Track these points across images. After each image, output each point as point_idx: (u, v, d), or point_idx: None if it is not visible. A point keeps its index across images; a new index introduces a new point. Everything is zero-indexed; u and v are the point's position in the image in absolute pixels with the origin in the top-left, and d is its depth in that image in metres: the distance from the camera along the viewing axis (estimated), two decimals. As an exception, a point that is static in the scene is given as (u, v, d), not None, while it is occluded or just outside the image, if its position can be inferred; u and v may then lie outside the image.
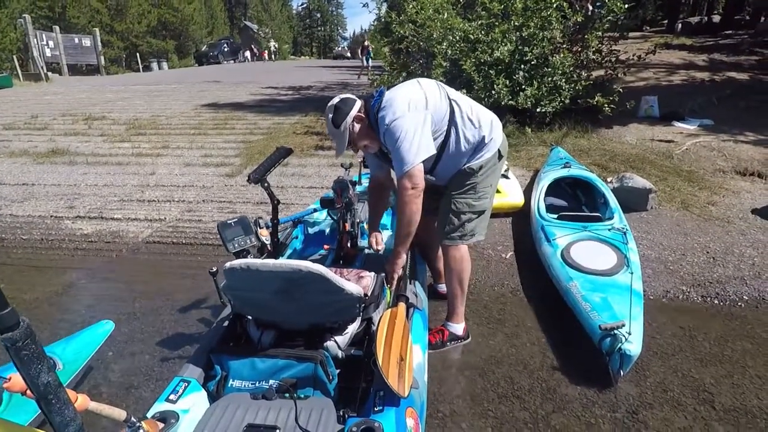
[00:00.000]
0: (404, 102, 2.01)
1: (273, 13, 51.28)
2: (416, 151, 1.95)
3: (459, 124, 2.14)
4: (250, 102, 10.63)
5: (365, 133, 2.10)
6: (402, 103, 2.00)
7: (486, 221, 2.39)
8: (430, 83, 2.17)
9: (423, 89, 2.10)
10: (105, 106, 10.46)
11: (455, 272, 2.40)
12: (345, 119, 2.03)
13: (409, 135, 1.95)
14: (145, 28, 28.46)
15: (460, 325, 2.54)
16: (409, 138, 1.95)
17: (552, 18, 6.03)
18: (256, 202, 4.77)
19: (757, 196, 4.38)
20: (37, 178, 5.76)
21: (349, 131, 2.06)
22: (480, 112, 2.22)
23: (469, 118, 2.15)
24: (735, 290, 3.03)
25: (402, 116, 1.97)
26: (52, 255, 3.97)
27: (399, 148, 1.96)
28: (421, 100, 2.05)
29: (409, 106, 2.01)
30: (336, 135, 2.08)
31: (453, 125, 2.14)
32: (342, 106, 2.05)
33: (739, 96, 7.43)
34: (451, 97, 2.17)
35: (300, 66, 25.15)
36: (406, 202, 2.00)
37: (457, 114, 2.13)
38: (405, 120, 1.97)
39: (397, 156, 1.98)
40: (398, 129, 1.96)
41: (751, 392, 2.20)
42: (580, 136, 6.19)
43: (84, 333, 2.40)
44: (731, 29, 13.68)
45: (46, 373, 0.77)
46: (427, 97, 2.07)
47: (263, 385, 1.57)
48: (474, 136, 2.16)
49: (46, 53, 20.07)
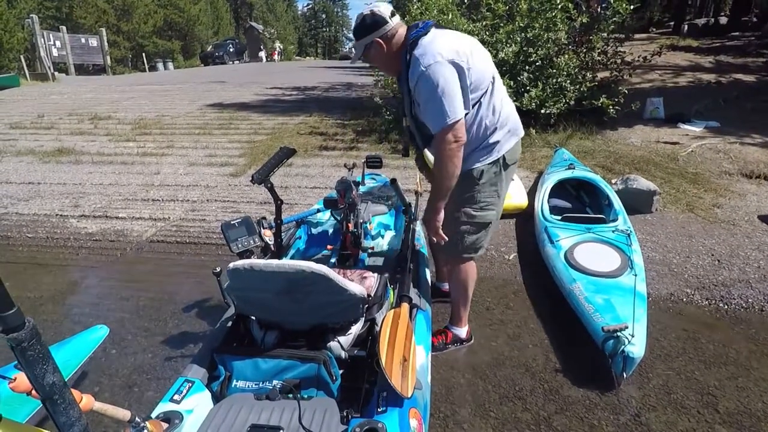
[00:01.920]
0: (450, 48, 1.79)
1: (278, 14, 51.43)
2: (459, 102, 1.77)
3: (487, 101, 1.93)
4: (255, 102, 10.66)
5: (382, 61, 1.97)
6: (448, 48, 1.79)
7: (490, 234, 2.24)
8: (479, 45, 1.97)
9: (472, 44, 1.92)
10: (111, 105, 10.51)
11: (460, 283, 2.37)
12: (364, 37, 1.90)
13: (450, 84, 1.75)
14: (151, 29, 28.60)
15: (464, 329, 2.54)
16: (450, 86, 1.75)
17: (557, 19, 6.01)
18: (260, 201, 4.78)
19: (763, 199, 4.35)
20: (42, 176, 5.80)
21: (364, 49, 1.94)
22: (507, 103, 2.05)
23: (496, 102, 1.96)
24: (740, 293, 3.01)
25: (442, 63, 1.76)
26: (57, 253, 4.00)
27: (440, 97, 1.75)
28: (468, 54, 1.83)
29: (457, 53, 1.79)
30: (355, 44, 1.97)
31: (484, 96, 1.92)
32: (369, 20, 1.88)
33: (745, 98, 7.39)
34: (494, 70, 2.01)
35: (305, 66, 25.17)
36: (448, 156, 1.83)
37: (495, 87, 1.95)
38: (446, 68, 1.76)
39: (435, 106, 1.77)
40: (438, 75, 1.74)
41: (755, 395, 2.19)
42: (584, 138, 6.18)
43: (77, 338, 2.35)
44: (738, 31, 13.58)
45: (52, 373, 0.77)
46: (473, 52, 1.86)
47: (267, 386, 1.57)
48: (490, 123, 1.96)
49: (53, 53, 20.15)
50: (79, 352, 2.29)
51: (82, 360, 2.29)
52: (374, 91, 8.57)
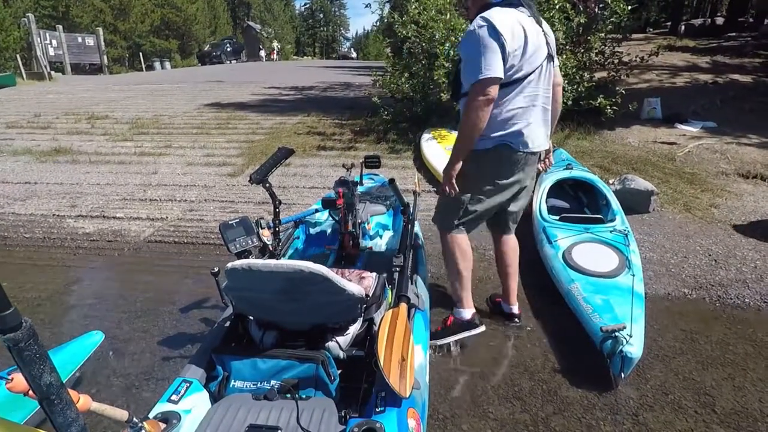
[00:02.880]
0: (507, 24, 1.97)
1: (276, 13, 51.43)
2: (497, 63, 1.95)
3: (516, 90, 2.08)
4: (253, 102, 10.65)
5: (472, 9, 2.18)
6: (505, 24, 1.97)
7: (476, 222, 2.42)
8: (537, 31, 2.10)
9: (534, 33, 2.06)
10: (108, 105, 10.48)
11: (447, 257, 2.46)
12: None
13: (490, 46, 1.94)
14: (148, 28, 28.58)
15: (467, 311, 2.46)
16: (490, 48, 1.94)
17: (555, 19, 6.02)
18: (258, 202, 4.77)
19: (759, 199, 4.37)
20: (39, 176, 5.78)
21: None
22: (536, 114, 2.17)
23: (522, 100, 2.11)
24: (737, 293, 3.02)
25: (490, 28, 1.95)
26: (54, 254, 3.98)
27: (479, 54, 1.95)
28: (519, 38, 2.00)
29: (512, 31, 1.97)
30: None
31: (533, 73, 2.08)
32: None
33: (742, 98, 7.41)
34: (552, 52, 2.17)
35: (303, 66, 25.16)
36: (474, 108, 1.98)
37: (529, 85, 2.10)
38: (490, 33, 1.95)
39: (473, 62, 1.97)
40: (482, 36, 1.95)
41: (752, 395, 2.19)
42: (582, 138, 6.19)
43: (72, 344, 2.32)
44: (735, 31, 13.62)
45: (49, 373, 0.77)
46: (526, 42, 2.02)
47: (265, 386, 1.57)
48: (506, 112, 2.11)
49: (49, 52, 20.11)
50: (74, 358, 2.25)
51: (77, 366, 2.26)
52: (372, 91, 8.56)
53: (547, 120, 2.26)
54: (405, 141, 6.45)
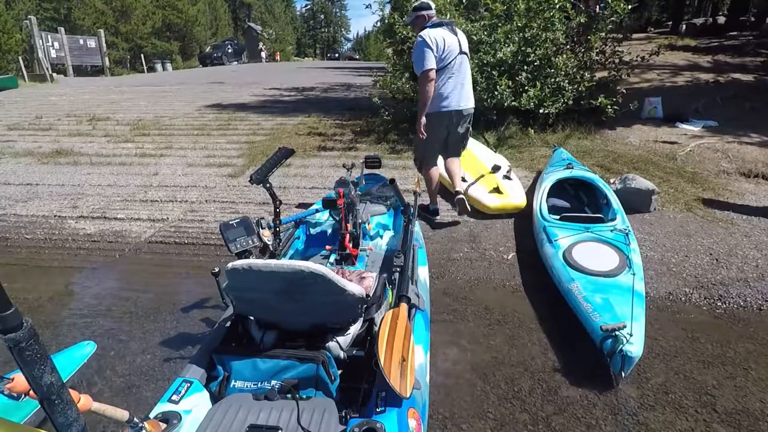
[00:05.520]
0: (434, 37, 3.51)
1: (276, 15, 51.47)
2: (430, 60, 3.50)
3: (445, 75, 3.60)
4: (254, 103, 10.66)
5: (417, 25, 3.74)
6: (433, 37, 3.51)
7: (436, 152, 3.92)
8: (453, 39, 3.60)
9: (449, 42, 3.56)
10: (109, 106, 10.50)
11: (426, 179, 4.00)
12: (416, 12, 3.73)
13: (427, 50, 3.50)
14: (149, 30, 28.61)
15: (434, 206, 4.10)
16: (427, 51, 3.50)
17: (555, 19, 6.03)
18: (259, 202, 4.78)
19: (761, 198, 4.36)
20: (41, 178, 5.79)
21: (413, 18, 3.77)
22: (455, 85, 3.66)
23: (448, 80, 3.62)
24: (738, 292, 3.02)
25: (426, 40, 3.51)
26: (56, 254, 3.99)
27: (422, 54, 3.52)
28: (441, 45, 3.52)
29: (435, 42, 3.51)
30: (410, 12, 3.85)
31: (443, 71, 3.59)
32: (425, 6, 3.70)
33: (743, 97, 7.40)
34: (464, 50, 3.68)
35: (303, 67, 25.18)
36: (423, 85, 3.57)
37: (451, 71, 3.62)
38: (426, 42, 3.50)
39: (419, 59, 3.54)
40: (423, 43, 3.52)
41: (753, 395, 2.19)
42: (583, 138, 6.19)
43: (64, 354, 2.30)
44: (736, 30, 13.60)
45: (50, 373, 0.77)
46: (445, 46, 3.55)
47: (265, 386, 1.58)
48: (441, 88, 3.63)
49: (51, 54, 20.12)
50: (65, 369, 2.22)
51: (68, 377, 2.22)
52: (373, 91, 8.57)
53: (467, 89, 3.75)
54: (405, 141, 6.45)
